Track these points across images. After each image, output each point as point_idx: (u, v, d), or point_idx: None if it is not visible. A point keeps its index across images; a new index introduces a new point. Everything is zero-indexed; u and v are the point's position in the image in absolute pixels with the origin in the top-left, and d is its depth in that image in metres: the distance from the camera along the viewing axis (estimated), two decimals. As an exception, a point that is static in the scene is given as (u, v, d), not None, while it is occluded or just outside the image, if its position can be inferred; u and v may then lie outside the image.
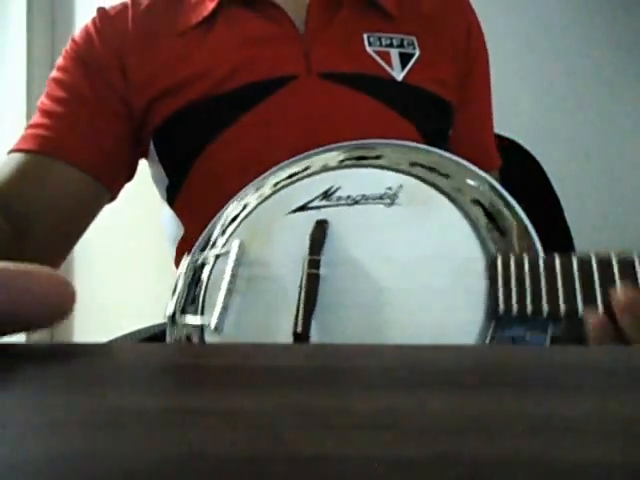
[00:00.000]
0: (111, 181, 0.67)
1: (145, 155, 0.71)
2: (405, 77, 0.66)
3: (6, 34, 1.57)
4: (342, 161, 0.53)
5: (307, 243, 0.48)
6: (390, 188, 0.48)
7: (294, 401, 0.20)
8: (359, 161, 0.52)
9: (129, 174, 0.72)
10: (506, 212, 0.46)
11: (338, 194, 0.50)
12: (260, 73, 0.63)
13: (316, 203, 0.50)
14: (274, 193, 0.53)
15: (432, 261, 0.44)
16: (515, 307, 0.41)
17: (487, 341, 0.41)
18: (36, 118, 0.68)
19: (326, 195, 0.50)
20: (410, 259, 0.45)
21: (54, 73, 0.71)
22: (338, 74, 0.64)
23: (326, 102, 0.62)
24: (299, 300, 0.45)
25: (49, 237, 0.62)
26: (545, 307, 0.40)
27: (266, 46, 0.65)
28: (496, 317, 0.42)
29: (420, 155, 0.52)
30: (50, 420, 0.18)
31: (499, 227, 0.45)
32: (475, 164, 0.50)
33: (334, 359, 0.26)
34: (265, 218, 0.52)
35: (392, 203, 0.48)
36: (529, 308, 0.41)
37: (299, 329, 0.43)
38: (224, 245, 0.51)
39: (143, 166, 0.75)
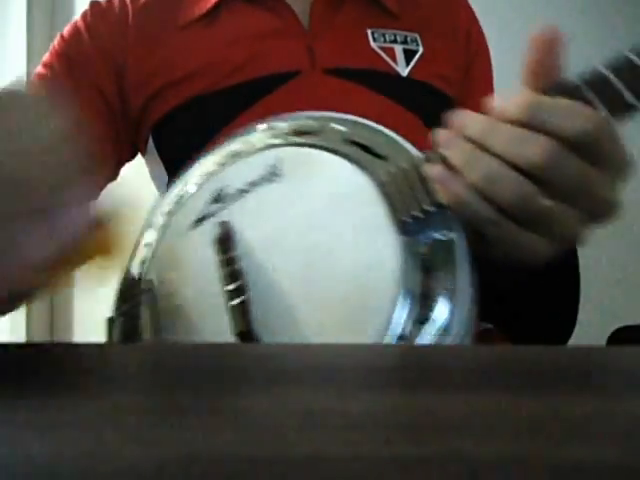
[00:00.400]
0: (105, 183, 0.64)
1: (142, 152, 0.70)
2: (410, 73, 0.65)
3: (6, 34, 1.57)
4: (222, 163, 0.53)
5: (213, 249, 0.48)
6: (270, 165, 0.50)
7: (294, 401, 0.20)
8: (233, 158, 0.53)
9: (112, 175, 0.69)
10: (379, 139, 0.48)
11: (226, 192, 0.51)
12: (263, 68, 0.62)
13: (210, 209, 0.51)
14: (169, 222, 0.53)
15: (331, 209, 0.46)
16: (417, 211, 0.43)
17: (407, 255, 0.42)
18: None
19: (216, 199, 0.51)
20: (313, 218, 0.46)
21: (38, 68, 0.68)
22: (343, 69, 0.63)
23: (331, 98, 0.61)
24: (231, 300, 0.45)
25: None
26: (441, 199, 0.42)
27: (269, 41, 0.64)
28: (405, 229, 0.43)
29: (298, 122, 0.52)
30: (50, 420, 0.18)
31: (378, 154, 0.47)
32: None
33: (334, 359, 0.26)
34: (170, 248, 0.51)
35: (278, 176, 0.49)
36: (429, 207, 0.42)
37: (243, 328, 0.44)
38: (138, 295, 0.51)
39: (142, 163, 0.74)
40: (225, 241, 0.49)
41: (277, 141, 0.52)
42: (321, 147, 0.49)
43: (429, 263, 0.42)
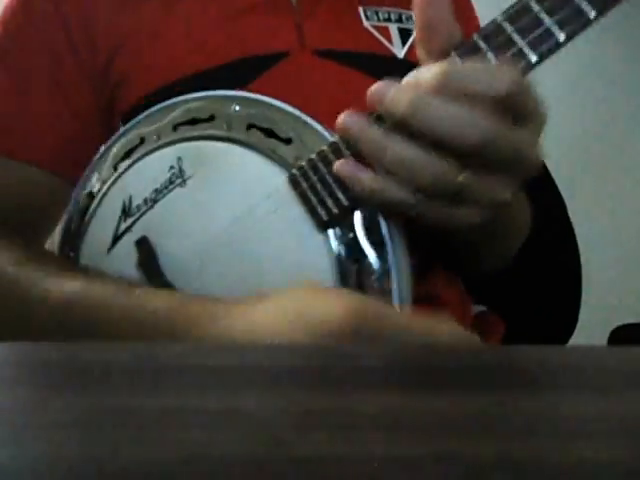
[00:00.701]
0: (78, 173, 0.55)
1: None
2: (407, 54, 0.60)
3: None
4: (114, 168, 0.49)
5: (140, 274, 0.46)
6: (172, 167, 0.46)
7: (294, 401, 0.20)
8: (128, 158, 0.49)
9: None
10: (279, 118, 0.45)
11: (135, 204, 0.47)
12: (247, 49, 0.55)
13: (123, 226, 0.47)
14: (81, 241, 0.49)
15: (251, 214, 0.43)
16: (333, 207, 0.41)
17: (338, 251, 0.41)
18: None
19: (125, 212, 0.48)
20: (234, 226, 0.44)
21: None
22: (336, 52, 0.57)
23: (325, 84, 0.55)
24: None
25: (24, 231, 0.53)
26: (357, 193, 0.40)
27: (252, 17, 0.56)
28: (326, 226, 0.41)
29: (173, 113, 0.48)
30: (50, 420, 0.18)
31: (281, 138, 0.44)
32: None
33: (334, 359, 0.26)
34: (92, 266, 0.49)
35: (184, 180, 0.46)
36: (345, 202, 0.41)
37: None
38: None
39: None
40: (149, 265, 0.46)
41: (169, 138, 0.47)
42: (221, 138, 0.45)
43: (358, 253, 0.41)
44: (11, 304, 0.46)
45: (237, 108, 0.46)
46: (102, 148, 0.52)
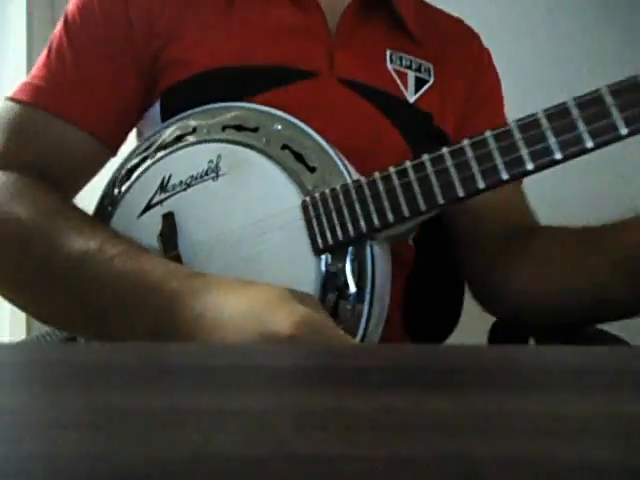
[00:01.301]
0: (116, 141, 0.64)
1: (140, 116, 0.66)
2: (417, 100, 0.67)
3: (6, 34, 1.57)
4: (164, 147, 0.56)
5: (158, 243, 0.53)
6: (211, 161, 0.52)
7: (294, 401, 0.20)
8: (178, 142, 0.55)
9: (130, 130, 0.67)
10: (310, 145, 0.51)
11: (172, 182, 0.54)
12: (283, 59, 0.62)
13: (157, 198, 0.54)
14: (121, 199, 0.56)
15: (261, 223, 0.50)
16: (330, 239, 0.48)
17: (325, 273, 0.48)
18: (47, 66, 0.62)
19: (162, 187, 0.54)
20: (245, 229, 0.50)
21: (73, 6, 0.64)
22: (358, 83, 0.64)
23: (340, 107, 0.62)
24: None
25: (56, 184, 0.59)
26: (351, 231, 0.47)
27: (294, 36, 0.64)
28: (321, 252, 0.48)
29: (226, 115, 0.55)
30: (50, 420, 0.18)
31: (308, 165, 0.50)
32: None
33: (334, 359, 0.26)
34: (122, 225, 0.55)
35: (217, 175, 0.52)
36: (340, 237, 0.48)
37: None
38: None
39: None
40: (168, 238, 0.52)
41: (216, 135, 0.53)
42: (257, 149, 0.52)
43: (342, 282, 0.47)
44: (35, 252, 0.50)
45: (279, 127, 0.53)
46: (158, 126, 0.60)
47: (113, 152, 0.64)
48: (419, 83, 0.68)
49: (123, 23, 0.62)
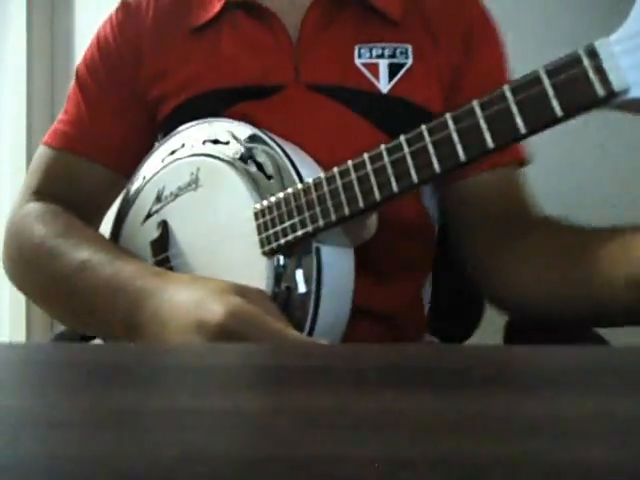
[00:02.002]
0: (132, 170, 0.72)
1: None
2: (391, 89, 0.67)
3: (6, 34, 1.57)
4: (161, 161, 0.64)
5: (149, 249, 0.60)
6: (192, 173, 0.59)
7: (294, 401, 0.20)
8: (171, 156, 0.63)
9: (138, 156, 0.76)
10: (272, 154, 0.56)
11: (165, 193, 0.62)
12: (252, 78, 0.66)
13: (154, 208, 0.62)
14: (130, 206, 0.66)
15: (226, 230, 0.56)
16: (281, 240, 0.52)
17: (276, 273, 0.52)
18: (67, 112, 0.73)
19: (158, 198, 0.62)
20: (214, 234, 0.56)
21: (81, 63, 0.75)
22: (325, 86, 0.65)
23: (305, 113, 0.64)
24: None
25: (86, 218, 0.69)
26: (299, 233, 0.51)
27: (260, 53, 0.67)
28: (273, 253, 0.52)
29: (207, 130, 0.61)
30: (50, 420, 0.18)
31: (266, 173, 0.55)
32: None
33: (334, 359, 0.26)
34: (130, 231, 0.64)
35: (197, 186, 0.59)
36: (290, 239, 0.51)
37: None
38: None
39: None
40: (159, 243, 0.60)
41: (198, 150, 0.61)
42: (226, 161, 0.57)
43: (292, 282, 0.51)
44: (46, 265, 0.59)
45: (247, 139, 0.58)
46: (155, 145, 0.68)
47: (128, 177, 0.72)
48: (395, 69, 0.68)
49: (119, 64, 0.71)
